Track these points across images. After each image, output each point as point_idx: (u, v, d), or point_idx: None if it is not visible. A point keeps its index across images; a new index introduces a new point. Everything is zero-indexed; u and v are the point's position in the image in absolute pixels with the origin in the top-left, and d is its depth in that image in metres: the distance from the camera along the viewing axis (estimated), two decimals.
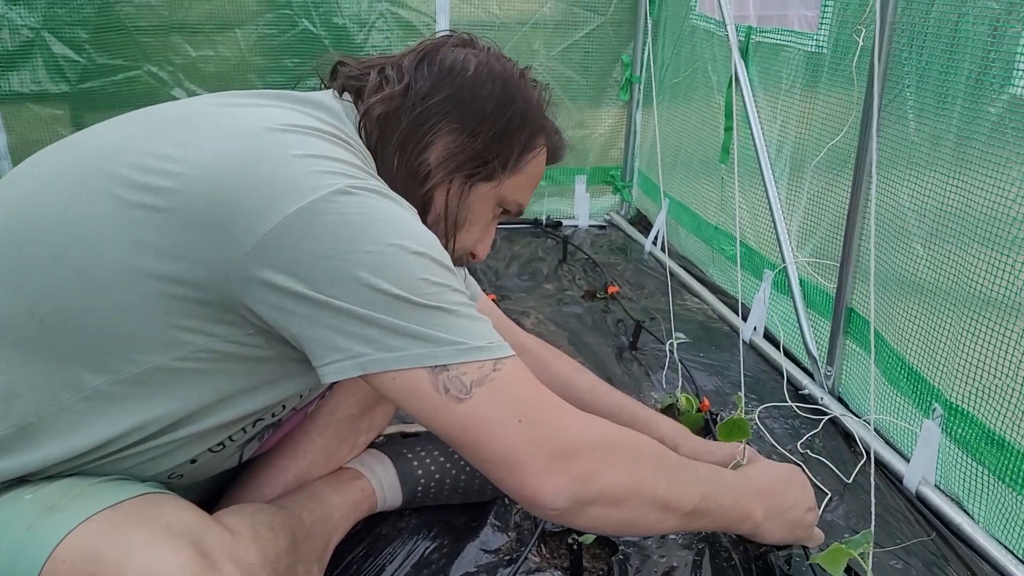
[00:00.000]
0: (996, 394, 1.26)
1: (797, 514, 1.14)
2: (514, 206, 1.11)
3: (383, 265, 0.83)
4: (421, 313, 0.83)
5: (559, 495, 0.86)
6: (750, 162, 2.15)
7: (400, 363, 0.83)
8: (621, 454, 0.93)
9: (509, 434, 0.85)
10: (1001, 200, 1.24)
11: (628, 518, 0.94)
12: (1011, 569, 1.21)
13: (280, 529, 0.96)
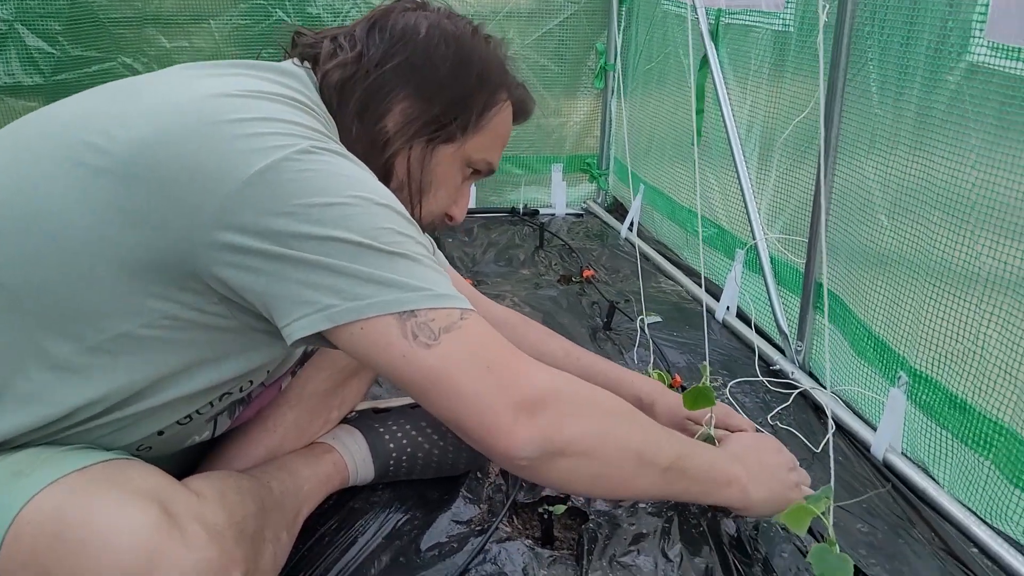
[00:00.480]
0: (958, 359, 1.28)
1: (782, 475, 1.14)
2: (484, 165, 1.11)
3: (346, 216, 0.83)
4: (387, 260, 0.84)
5: (528, 443, 0.86)
6: (721, 143, 2.17)
7: (368, 311, 0.82)
8: (590, 405, 0.93)
9: (477, 381, 0.85)
10: (960, 168, 1.26)
11: (601, 471, 0.94)
12: (974, 530, 1.23)
13: (247, 494, 0.97)
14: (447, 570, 1.16)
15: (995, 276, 1.20)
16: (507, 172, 3.30)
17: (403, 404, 1.41)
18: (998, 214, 1.19)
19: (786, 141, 1.84)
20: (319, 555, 1.18)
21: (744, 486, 1.08)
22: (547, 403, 0.88)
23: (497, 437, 0.86)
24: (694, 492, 1.06)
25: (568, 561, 1.19)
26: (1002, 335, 1.19)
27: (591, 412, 0.93)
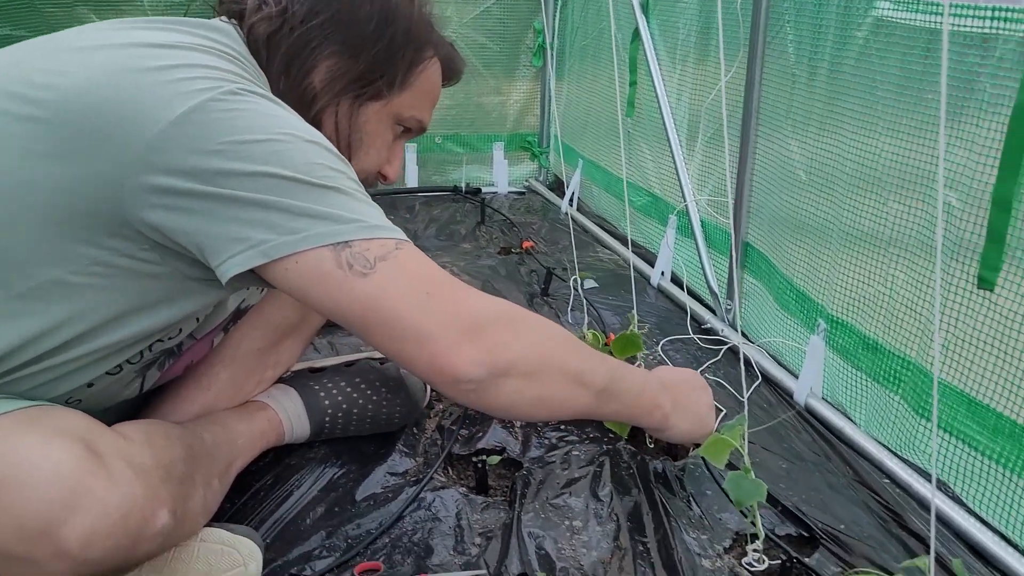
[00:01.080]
0: (870, 302, 1.34)
1: (701, 410, 1.20)
2: (414, 123, 1.13)
3: (276, 152, 0.84)
4: (320, 194, 0.85)
5: (473, 365, 0.87)
6: (654, 114, 2.21)
7: (302, 244, 0.83)
8: (530, 328, 0.96)
9: (417, 306, 0.86)
10: (870, 121, 1.32)
11: (544, 392, 0.96)
12: (887, 463, 1.29)
13: (176, 439, 0.98)
14: (382, 518, 1.18)
15: (902, 221, 1.26)
16: (448, 151, 3.32)
17: (339, 363, 1.43)
18: (903, 161, 1.25)
19: (713, 106, 1.89)
20: (254, 508, 1.19)
21: (667, 414, 1.13)
22: (490, 326, 0.90)
23: (442, 361, 0.87)
24: (624, 414, 1.11)
25: (501, 506, 1.22)
26: (908, 275, 1.25)
27: (533, 334, 0.95)
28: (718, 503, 1.22)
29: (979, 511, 1.14)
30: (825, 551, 1.10)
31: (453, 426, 1.42)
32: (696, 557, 1.09)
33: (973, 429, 1.13)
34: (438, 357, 0.87)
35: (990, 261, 1.07)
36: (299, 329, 1.35)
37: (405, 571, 1.07)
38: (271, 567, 1.06)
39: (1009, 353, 1.07)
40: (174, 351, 1.11)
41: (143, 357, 1.03)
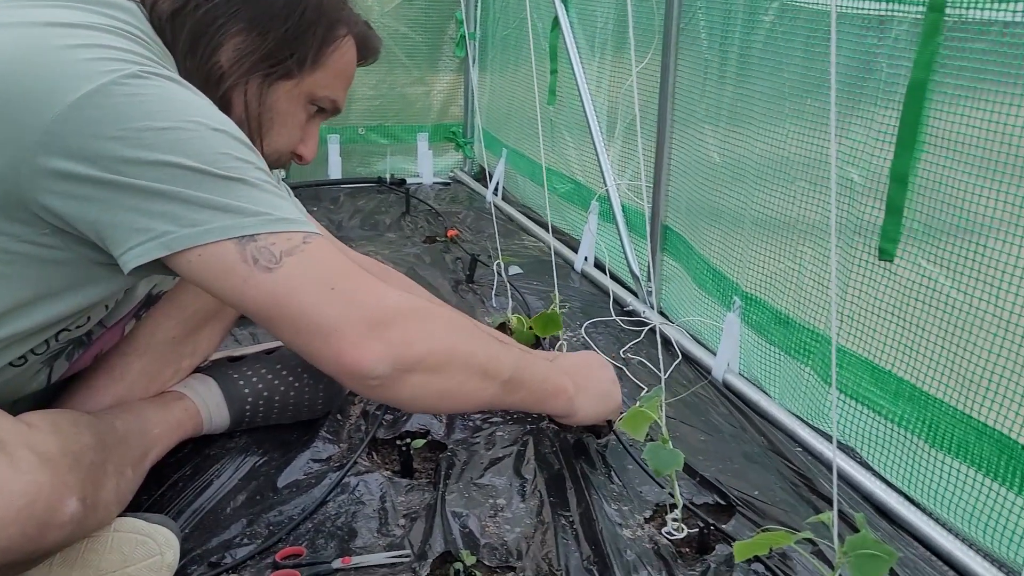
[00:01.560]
0: (781, 278, 1.39)
1: (605, 387, 1.23)
2: (328, 103, 1.12)
3: (180, 141, 0.82)
4: (224, 185, 0.83)
5: (379, 361, 0.87)
6: (574, 101, 2.24)
7: (205, 237, 0.82)
8: (437, 323, 0.96)
9: (323, 301, 0.86)
10: (777, 103, 1.36)
11: (449, 386, 0.97)
12: (799, 432, 1.34)
13: (85, 427, 0.95)
14: (304, 504, 1.17)
15: (808, 199, 1.30)
16: (372, 143, 3.30)
17: (259, 350, 1.41)
18: (809, 141, 1.29)
19: (631, 92, 1.92)
20: (172, 499, 1.17)
21: (571, 397, 1.16)
22: (395, 321, 0.90)
23: (347, 357, 0.87)
24: (529, 402, 1.13)
25: (426, 488, 1.22)
26: (815, 251, 1.30)
27: (439, 329, 0.96)
28: (639, 477, 1.24)
29: (884, 474, 1.19)
30: (741, 517, 1.14)
31: (377, 411, 1.41)
32: (617, 528, 1.11)
33: (876, 394, 1.17)
34: (343, 353, 0.87)
35: (890, 233, 1.12)
36: (217, 317, 1.32)
37: (328, 555, 1.06)
38: (190, 556, 1.04)
39: (908, 320, 1.12)
40: (83, 340, 1.08)
41: (49, 347, 1.00)
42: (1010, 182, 0.95)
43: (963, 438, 1.04)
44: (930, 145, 1.06)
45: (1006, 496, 0.99)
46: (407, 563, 1.04)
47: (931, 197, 1.06)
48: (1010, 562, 1.00)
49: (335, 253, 0.90)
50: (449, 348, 0.97)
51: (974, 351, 1.02)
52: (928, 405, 1.09)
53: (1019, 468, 0.96)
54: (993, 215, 0.98)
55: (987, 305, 1.00)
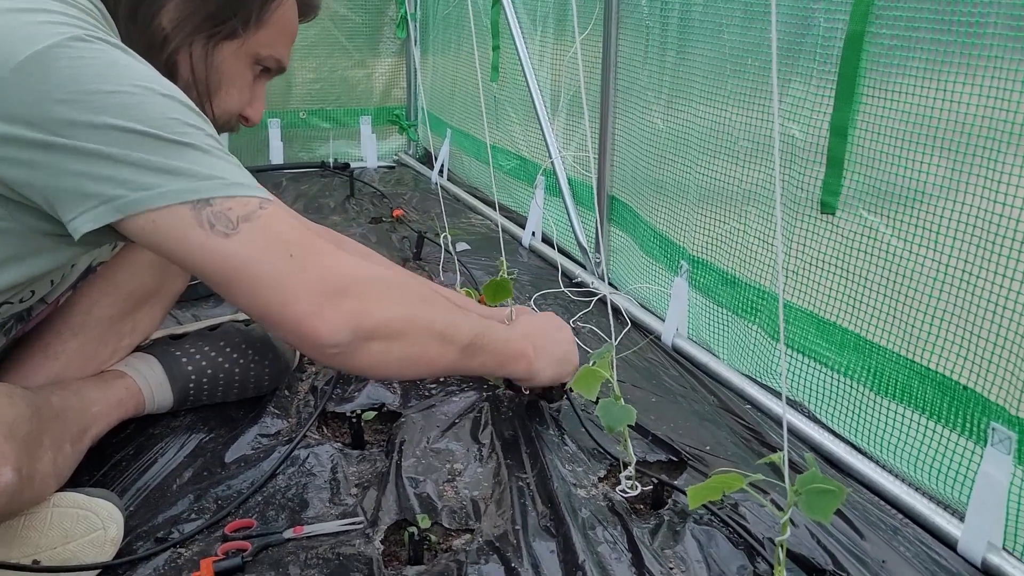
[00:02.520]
0: (727, 239, 1.40)
1: (563, 349, 1.23)
2: (273, 63, 1.10)
3: (128, 105, 0.80)
4: (176, 149, 0.81)
5: (338, 329, 0.87)
6: (517, 76, 2.23)
7: (158, 200, 0.80)
8: (395, 289, 0.96)
9: (281, 268, 0.85)
10: (719, 64, 1.37)
11: (410, 352, 0.97)
12: (748, 390, 1.35)
13: (19, 399, 0.91)
14: (253, 478, 1.14)
15: (751, 157, 1.31)
16: (314, 127, 3.25)
17: (201, 327, 1.38)
18: (750, 98, 1.30)
19: (574, 64, 1.92)
20: (115, 479, 1.13)
21: (531, 360, 1.16)
22: (354, 289, 0.89)
23: (305, 325, 0.86)
24: (490, 365, 1.13)
25: (379, 458, 1.21)
26: (759, 209, 1.31)
27: (397, 295, 0.95)
28: (593, 439, 1.24)
29: (831, 425, 1.21)
30: (693, 471, 1.15)
31: (326, 386, 1.39)
32: (572, 487, 1.11)
33: (823, 347, 1.19)
34: (301, 321, 0.86)
35: (831, 186, 1.13)
36: (157, 296, 1.29)
37: (279, 526, 1.04)
38: (135, 533, 1.01)
39: (851, 271, 1.13)
40: (23, 316, 1.05)
41: None
42: (946, 128, 0.97)
43: (906, 383, 1.06)
44: (868, 97, 1.07)
45: (948, 437, 1.01)
46: (360, 529, 1.03)
47: (870, 148, 1.08)
48: (953, 501, 1.02)
49: (291, 220, 0.89)
50: (408, 315, 0.96)
51: (915, 297, 1.04)
52: (872, 353, 1.11)
53: (960, 408, 0.99)
54: (930, 163, 1.00)
55: (926, 251, 1.02)
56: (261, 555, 0.98)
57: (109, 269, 1.24)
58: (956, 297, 0.99)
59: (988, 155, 0.93)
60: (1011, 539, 0.94)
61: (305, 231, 0.89)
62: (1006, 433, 0.91)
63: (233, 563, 0.94)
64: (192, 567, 0.95)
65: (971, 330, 0.97)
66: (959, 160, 0.96)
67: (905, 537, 1.00)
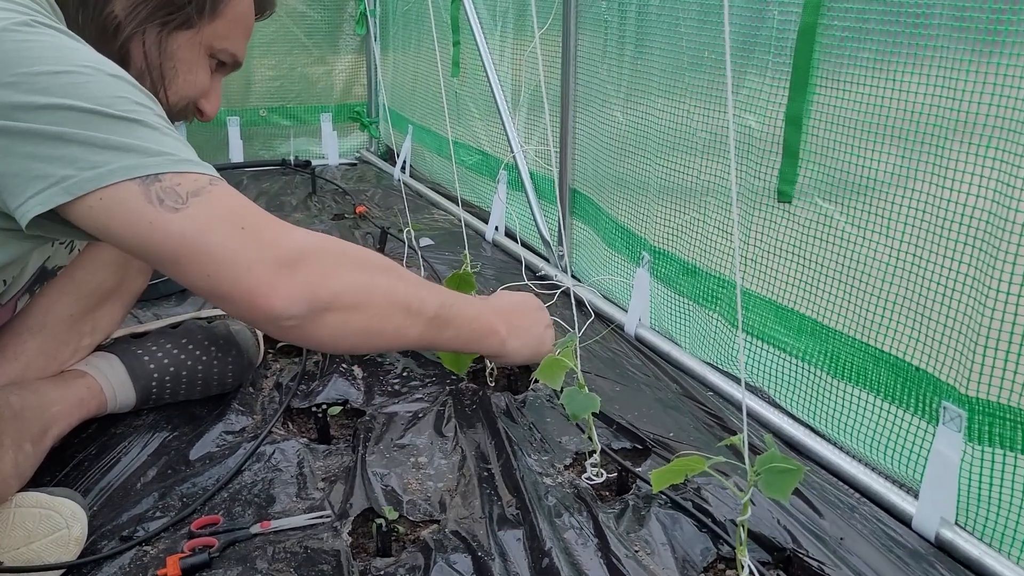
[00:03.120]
0: (687, 230, 1.42)
1: (538, 331, 1.23)
2: (227, 56, 1.09)
3: (75, 84, 0.79)
4: (124, 126, 0.80)
5: (293, 301, 0.85)
6: (478, 72, 2.23)
7: (107, 178, 0.79)
8: (351, 259, 0.94)
9: (232, 241, 0.83)
10: (676, 56, 1.39)
11: (371, 323, 0.94)
12: (710, 378, 1.38)
13: None
14: (219, 474, 1.14)
15: (709, 148, 1.33)
16: (275, 124, 3.22)
17: (163, 325, 1.37)
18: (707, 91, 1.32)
19: (535, 58, 1.93)
20: (77, 479, 1.12)
21: (503, 338, 1.15)
22: (308, 258, 0.87)
23: (259, 297, 0.84)
24: (460, 340, 1.11)
25: (345, 452, 1.21)
26: (718, 201, 1.33)
27: (355, 265, 0.93)
28: (557, 429, 1.25)
29: (790, 409, 1.23)
30: (656, 457, 1.16)
31: (291, 383, 1.39)
32: (538, 476, 1.12)
33: (781, 332, 1.22)
34: (255, 294, 0.84)
35: (787, 175, 1.16)
36: (117, 294, 1.28)
37: (246, 522, 1.04)
38: (99, 532, 1.00)
39: (807, 258, 1.16)
40: None
41: None
42: (896, 116, 1.00)
43: (861, 365, 1.09)
44: (821, 87, 1.10)
45: (902, 417, 1.04)
46: (328, 523, 1.03)
47: (825, 137, 1.10)
48: (907, 480, 1.05)
49: (241, 196, 0.88)
50: (367, 284, 0.94)
51: (869, 281, 1.07)
52: (829, 338, 1.14)
53: (912, 388, 1.02)
54: (882, 151, 1.03)
55: (879, 237, 1.05)
56: (228, 551, 0.98)
57: (68, 268, 1.23)
58: (907, 281, 1.01)
59: (936, 143, 0.96)
60: (963, 514, 0.97)
61: (256, 206, 0.88)
62: (956, 412, 0.94)
63: (200, 559, 0.94)
64: (158, 565, 0.95)
65: (922, 312, 0.99)
66: (909, 148, 0.99)
67: (862, 515, 1.03)
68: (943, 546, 0.97)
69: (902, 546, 0.97)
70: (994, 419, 0.90)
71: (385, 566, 0.95)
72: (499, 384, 1.41)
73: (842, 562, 0.93)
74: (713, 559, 0.96)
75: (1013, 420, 0.89)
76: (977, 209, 0.91)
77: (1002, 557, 0.92)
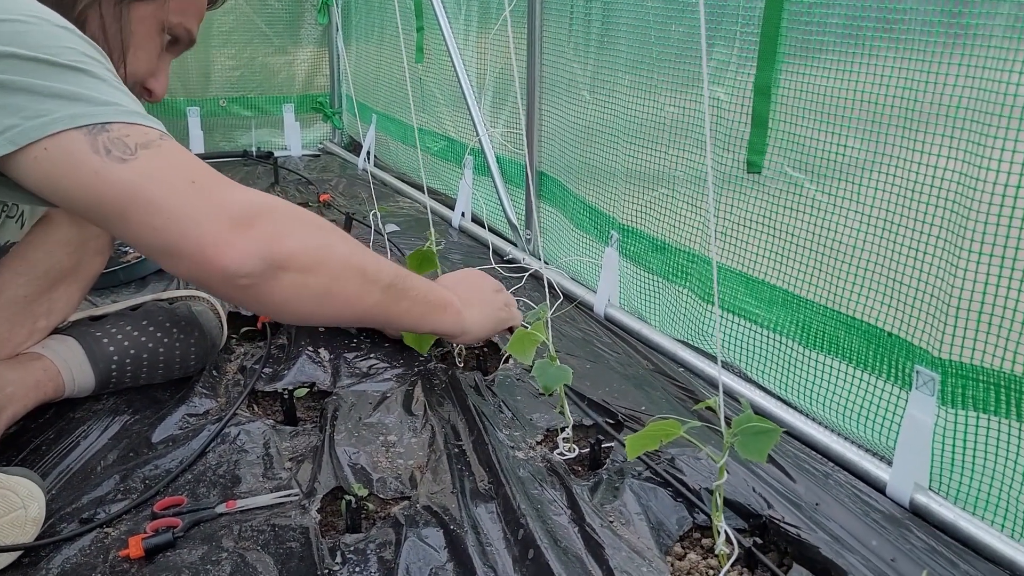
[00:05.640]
0: (654, 207, 1.41)
1: (488, 295, 1.21)
2: (182, 31, 1.06)
3: (19, 32, 0.76)
4: (71, 75, 0.77)
5: (247, 257, 0.80)
6: (442, 56, 2.21)
7: (53, 126, 0.76)
8: (308, 221, 0.91)
9: (181, 193, 0.79)
10: (643, 33, 1.38)
11: (328, 287, 0.90)
12: (680, 354, 1.37)
13: None
14: (183, 456, 1.11)
15: (678, 122, 1.33)
16: (235, 115, 3.17)
17: (122, 307, 1.33)
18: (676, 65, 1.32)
19: (499, 40, 1.91)
20: (34, 463, 1.08)
21: (458, 310, 1.13)
22: (262, 215, 0.83)
23: (211, 252, 0.79)
24: (415, 313, 1.07)
25: (312, 433, 1.18)
26: (687, 175, 1.32)
27: (310, 226, 0.90)
28: (528, 407, 1.24)
29: (763, 382, 1.23)
30: (628, 432, 1.15)
31: (256, 365, 1.36)
32: (510, 451, 1.10)
33: (752, 304, 1.21)
34: (206, 248, 0.79)
35: (756, 145, 1.15)
36: (73, 275, 1.24)
37: (211, 502, 1.01)
38: (58, 515, 0.97)
39: (777, 228, 1.16)
40: None
41: None
42: (867, 80, 1.00)
43: (833, 334, 1.08)
44: (790, 55, 1.09)
45: (875, 384, 1.04)
46: (296, 501, 1.00)
47: (794, 106, 1.10)
48: (881, 448, 1.05)
49: (190, 154, 0.85)
50: (324, 245, 0.90)
51: (840, 249, 1.07)
52: (800, 307, 1.13)
53: (885, 354, 1.02)
54: (853, 116, 1.03)
55: (850, 204, 1.04)
56: (193, 531, 0.95)
57: (21, 248, 1.18)
58: (878, 246, 1.01)
59: (907, 107, 0.95)
60: (936, 479, 0.97)
61: (207, 166, 0.84)
62: (929, 375, 0.94)
63: (163, 539, 0.91)
64: (120, 546, 0.92)
65: (893, 277, 0.99)
66: (879, 114, 0.99)
67: (836, 481, 1.03)
68: (918, 511, 0.97)
69: (877, 511, 0.97)
70: (967, 381, 0.91)
71: (355, 542, 0.93)
72: (468, 365, 1.39)
73: (818, 526, 0.93)
74: (689, 528, 0.95)
75: (986, 381, 0.89)
76: (948, 171, 0.91)
77: (976, 520, 0.92)
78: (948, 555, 0.89)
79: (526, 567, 0.87)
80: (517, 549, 0.90)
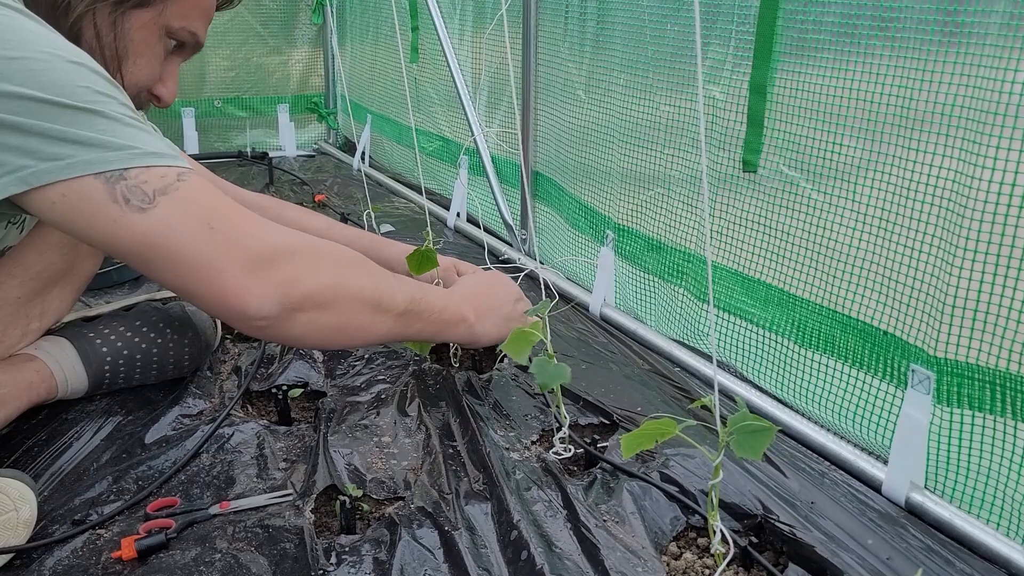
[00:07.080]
0: (650, 206, 1.41)
1: (507, 308, 1.22)
2: (187, 36, 1.05)
3: (32, 71, 0.77)
4: (86, 118, 0.78)
5: (265, 301, 0.84)
6: (437, 56, 2.21)
7: (67, 171, 0.77)
8: (322, 258, 0.93)
9: (201, 240, 0.82)
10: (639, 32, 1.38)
11: (341, 321, 0.94)
12: (676, 353, 1.37)
13: None
14: (176, 456, 1.10)
15: (674, 121, 1.33)
16: (230, 115, 3.16)
17: (116, 308, 1.32)
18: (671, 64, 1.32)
19: (494, 40, 1.91)
20: (26, 465, 1.07)
21: (472, 324, 1.14)
22: (279, 258, 0.87)
23: (231, 298, 0.83)
24: (428, 332, 1.11)
25: (306, 433, 1.17)
26: (683, 174, 1.32)
27: (325, 265, 0.93)
28: (523, 407, 1.23)
29: (758, 382, 1.23)
30: (624, 432, 1.15)
31: (250, 366, 1.35)
32: (505, 452, 1.10)
33: (748, 304, 1.21)
34: (227, 294, 0.84)
35: (752, 145, 1.15)
36: (67, 277, 1.23)
37: (204, 503, 1.00)
38: (50, 517, 0.96)
39: (772, 227, 1.15)
40: None
41: None
42: (863, 79, 0.99)
43: (829, 333, 1.08)
44: (785, 54, 1.09)
45: (870, 383, 1.04)
46: (290, 501, 1.00)
47: (790, 105, 1.10)
48: (877, 447, 1.05)
49: (212, 190, 0.86)
50: (337, 283, 0.94)
51: (836, 247, 1.06)
52: (796, 306, 1.13)
53: (880, 353, 1.01)
54: (849, 114, 1.03)
55: (846, 202, 1.04)
56: (186, 532, 0.94)
57: (15, 250, 1.18)
58: (874, 245, 1.01)
59: (902, 105, 0.95)
60: (932, 478, 0.97)
61: (226, 200, 0.86)
62: (925, 374, 0.94)
63: (156, 540, 0.90)
64: (113, 548, 0.91)
65: (889, 276, 0.99)
66: (875, 112, 0.99)
67: (832, 480, 1.02)
68: (913, 510, 0.97)
69: (873, 510, 0.97)
70: (963, 379, 0.90)
71: (350, 542, 0.92)
72: (463, 364, 1.39)
73: (813, 526, 0.92)
74: (683, 528, 0.95)
75: (982, 380, 0.89)
76: (943, 170, 0.91)
77: (972, 518, 0.92)
78: (944, 554, 0.89)
79: (520, 567, 0.87)
80: (511, 550, 0.90)
